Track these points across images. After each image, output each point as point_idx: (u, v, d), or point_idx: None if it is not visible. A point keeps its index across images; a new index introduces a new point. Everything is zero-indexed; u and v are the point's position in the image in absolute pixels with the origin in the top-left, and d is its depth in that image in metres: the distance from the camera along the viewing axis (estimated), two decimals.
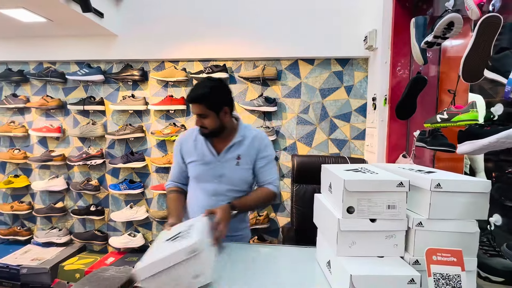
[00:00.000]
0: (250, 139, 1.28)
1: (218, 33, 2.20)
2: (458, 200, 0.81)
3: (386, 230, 0.83)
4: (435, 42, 1.38)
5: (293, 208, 2.01)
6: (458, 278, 0.72)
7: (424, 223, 0.81)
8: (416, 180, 0.86)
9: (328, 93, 2.22)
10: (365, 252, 0.84)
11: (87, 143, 2.44)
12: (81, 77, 2.32)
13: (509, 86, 0.87)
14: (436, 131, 1.37)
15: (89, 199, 2.48)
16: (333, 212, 0.87)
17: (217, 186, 1.26)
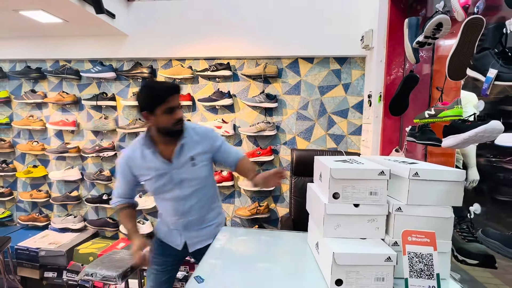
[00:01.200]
0: (197, 137, 1.24)
1: (223, 33, 2.24)
2: (435, 188, 0.86)
3: (368, 215, 0.89)
4: (426, 42, 1.41)
5: (292, 199, 2.07)
6: (430, 256, 0.77)
7: (403, 208, 0.86)
8: (397, 170, 0.91)
9: (326, 90, 2.26)
10: (349, 234, 0.90)
11: (99, 136, 2.52)
12: (94, 74, 2.39)
13: (486, 83, 0.91)
14: (425, 126, 1.41)
15: (101, 189, 2.56)
16: (321, 198, 0.93)
17: (180, 191, 1.22)
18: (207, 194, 1.32)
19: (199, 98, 2.32)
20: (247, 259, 1.03)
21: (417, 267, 0.76)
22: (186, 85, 2.40)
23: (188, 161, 1.22)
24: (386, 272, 0.80)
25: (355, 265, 0.80)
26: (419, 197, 0.86)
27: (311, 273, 0.91)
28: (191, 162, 1.22)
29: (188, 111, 2.41)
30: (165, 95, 1.12)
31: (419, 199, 0.86)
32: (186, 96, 2.34)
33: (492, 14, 1.13)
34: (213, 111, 2.38)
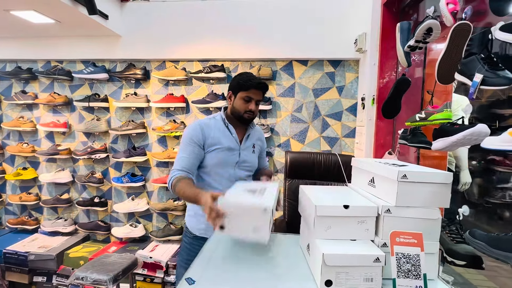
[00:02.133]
0: (259, 131, 1.44)
1: (217, 34, 2.26)
2: (423, 189, 0.88)
3: (358, 216, 0.91)
4: (417, 46, 1.45)
5: (286, 201, 2.08)
6: (418, 257, 0.80)
7: (392, 210, 0.89)
8: (386, 172, 0.94)
9: (320, 93, 2.29)
10: (339, 235, 0.91)
11: (91, 138, 2.51)
12: (87, 75, 2.38)
13: (472, 88, 0.95)
14: (416, 129, 1.44)
15: (93, 191, 2.55)
16: (312, 200, 0.95)
17: (237, 171, 1.33)
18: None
19: (193, 100, 2.33)
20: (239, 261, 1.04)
21: (405, 268, 0.78)
22: (180, 87, 2.41)
23: (251, 147, 1.37)
24: (375, 273, 0.82)
25: (344, 266, 0.82)
26: (408, 199, 0.88)
27: (302, 275, 0.92)
28: (252, 149, 1.37)
29: (182, 113, 2.42)
30: (250, 86, 1.23)
31: (408, 201, 0.88)
32: (179, 98, 2.34)
33: (479, 20, 1.17)
34: (207, 113, 2.39)
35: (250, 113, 1.27)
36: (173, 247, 2.35)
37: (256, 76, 1.29)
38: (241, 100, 1.26)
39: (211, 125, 1.30)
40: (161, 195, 2.49)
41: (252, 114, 1.28)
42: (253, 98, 1.25)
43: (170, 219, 2.48)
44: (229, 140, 1.31)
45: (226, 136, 1.31)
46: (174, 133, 2.32)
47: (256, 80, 1.25)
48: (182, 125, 2.34)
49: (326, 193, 1.10)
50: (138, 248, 2.32)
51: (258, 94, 1.26)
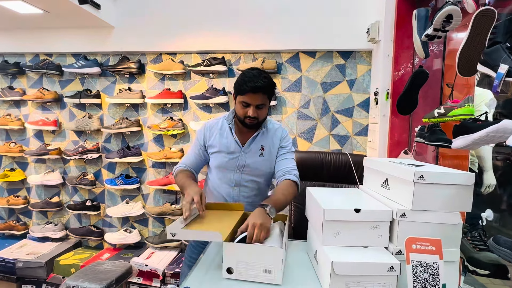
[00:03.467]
0: (273, 130, 1.37)
1: (217, 25, 2.25)
2: (441, 192, 0.87)
3: (371, 221, 0.91)
4: (435, 35, 1.43)
5: (292, 205, 2.07)
6: (436, 266, 0.79)
7: (408, 214, 0.88)
8: (401, 172, 0.93)
9: (330, 87, 2.27)
10: (350, 242, 0.91)
11: (83, 137, 2.53)
12: (78, 70, 2.40)
13: (497, 80, 0.93)
14: (435, 126, 1.43)
15: (85, 194, 2.57)
16: (320, 203, 0.94)
17: (239, 176, 1.33)
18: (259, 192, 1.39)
19: (192, 95, 2.33)
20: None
21: (422, 277, 0.78)
22: (177, 81, 2.41)
23: (258, 150, 1.33)
24: (389, 283, 0.81)
25: (355, 275, 0.82)
26: (425, 202, 0.87)
27: (309, 284, 0.92)
28: (260, 152, 1.33)
29: (180, 110, 2.42)
30: (246, 90, 1.19)
31: (425, 204, 0.87)
32: (177, 93, 2.35)
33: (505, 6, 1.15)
34: (207, 109, 2.39)
35: (251, 119, 1.24)
36: (170, 254, 2.36)
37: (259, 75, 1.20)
38: (240, 104, 1.25)
39: (215, 126, 1.36)
40: (157, 198, 2.50)
41: (253, 120, 1.24)
42: (251, 104, 1.21)
43: (168, 224, 2.49)
44: (229, 143, 1.32)
45: (227, 138, 1.33)
46: (171, 131, 2.33)
47: (251, 84, 1.17)
48: (180, 122, 2.35)
49: (335, 195, 1.10)
50: (133, 255, 2.33)
51: (257, 99, 1.21)
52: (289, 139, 1.42)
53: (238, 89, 1.23)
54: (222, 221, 1.09)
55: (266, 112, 1.29)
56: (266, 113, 1.29)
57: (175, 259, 2.30)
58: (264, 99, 1.24)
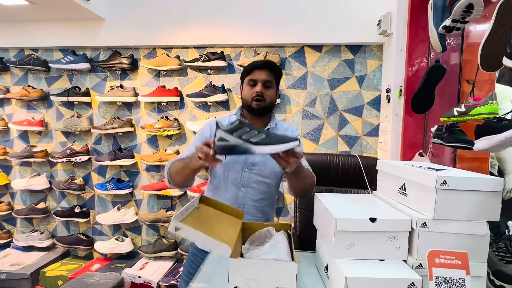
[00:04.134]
0: (282, 129, 1.39)
1: (216, 17, 2.23)
2: (467, 199, 0.84)
3: (388, 231, 0.87)
4: (454, 26, 1.40)
5: (297, 212, 2.05)
6: (462, 282, 0.75)
7: (429, 224, 0.85)
8: (421, 178, 0.89)
9: (337, 83, 2.25)
10: (365, 254, 0.88)
11: (71, 138, 2.50)
12: (65, 65, 2.38)
13: None
14: (454, 126, 1.39)
15: (73, 200, 2.54)
16: (331, 212, 0.91)
17: (247, 176, 1.32)
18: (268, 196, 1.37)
19: (188, 93, 2.31)
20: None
21: None
22: (173, 78, 2.39)
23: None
24: None
25: None
26: (448, 210, 0.84)
27: None
28: None
29: (175, 108, 2.40)
30: (252, 67, 1.27)
31: (448, 213, 0.84)
32: (172, 91, 2.32)
33: None
34: (205, 108, 2.36)
35: (257, 97, 1.26)
36: (165, 265, 2.33)
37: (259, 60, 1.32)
38: (247, 86, 1.30)
39: (223, 122, 1.35)
40: (151, 204, 2.47)
41: (260, 98, 1.27)
42: (258, 80, 1.27)
43: (162, 232, 2.46)
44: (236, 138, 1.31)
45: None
46: (167, 131, 2.30)
47: (258, 62, 1.29)
48: (176, 122, 2.32)
49: (347, 203, 1.07)
50: (125, 266, 2.30)
51: (264, 74, 1.27)
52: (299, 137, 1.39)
53: (245, 71, 1.31)
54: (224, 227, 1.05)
55: (273, 94, 1.31)
56: (273, 95, 1.31)
57: (170, 270, 2.27)
58: (271, 77, 1.28)
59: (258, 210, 1.37)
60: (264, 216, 1.40)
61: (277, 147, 0.90)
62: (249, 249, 1.06)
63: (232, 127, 0.92)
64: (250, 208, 1.35)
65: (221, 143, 0.92)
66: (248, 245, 1.09)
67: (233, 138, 0.91)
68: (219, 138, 0.92)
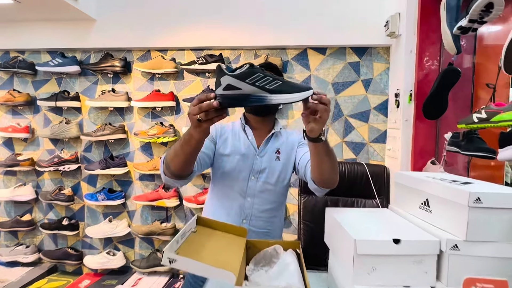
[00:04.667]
0: (287, 133, 1.37)
1: (214, 17, 2.19)
2: (504, 218, 0.77)
3: (414, 254, 0.80)
4: (470, 27, 1.36)
5: (301, 223, 1.97)
6: None
7: (461, 246, 0.78)
8: (448, 193, 0.82)
9: (342, 87, 2.21)
10: (388, 280, 0.80)
11: (59, 146, 2.43)
12: (53, 68, 2.31)
13: None
14: (472, 133, 1.34)
15: (61, 211, 2.46)
16: (349, 232, 0.83)
17: (253, 184, 1.27)
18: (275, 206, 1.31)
19: (185, 97, 2.27)
20: None
21: None
22: (168, 82, 2.34)
23: (274, 153, 1.30)
24: None
25: None
26: (483, 231, 0.77)
27: None
28: (275, 155, 1.30)
29: (171, 114, 2.34)
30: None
31: (483, 234, 0.77)
32: (168, 95, 2.27)
33: None
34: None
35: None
36: (160, 280, 2.25)
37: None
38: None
39: (226, 128, 1.34)
40: (145, 216, 2.40)
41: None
42: None
43: (157, 245, 2.40)
44: (242, 145, 1.29)
45: (239, 140, 1.30)
46: (162, 138, 2.24)
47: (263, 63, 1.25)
48: (171, 128, 2.27)
49: (364, 219, 0.99)
50: (116, 282, 2.23)
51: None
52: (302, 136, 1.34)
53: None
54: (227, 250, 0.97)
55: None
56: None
57: (165, 286, 2.20)
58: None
59: (266, 222, 1.31)
60: (273, 229, 1.34)
61: (297, 95, 0.80)
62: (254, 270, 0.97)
63: (242, 71, 0.79)
64: (257, 220, 1.29)
65: (229, 92, 0.78)
66: (253, 265, 1.01)
67: (246, 85, 0.78)
68: (227, 85, 0.79)
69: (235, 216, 1.27)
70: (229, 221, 1.11)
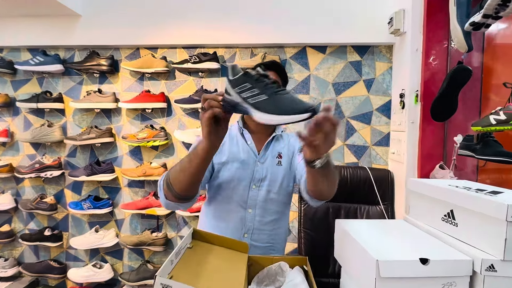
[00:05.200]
0: (288, 135, 1.32)
1: (208, 13, 2.13)
2: None
3: (444, 276, 0.71)
4: (484, 23, 1.29)
5: (301, 232, 1.91)
6: None
7: (498, 266, 0.69)
8: (481, 205, 0.74)
9: (343, 88, 2.16)
10: None
11: (41, 150, 2.34)
12: (35, 67, 2.23)
13: None
14: (488, 136, 1.27)
15: (43, 221, 2.37)
16: (368, 251, 0.74)
17: (255, 194, 1.19)
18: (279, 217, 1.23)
19: (177, 98, 2.19)
20: None
21: None
22: (159, 82, 2.26)
23: (275, 158, 1.24)
24: None
25: None
26: None
27: None
28: (277, 160, 1.23)
29: (162, 116, 2.26)
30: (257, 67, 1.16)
31: None
32: (158, 96, 2.19)
33: None
34: (196, 115, 2.23)
35: None
36: None
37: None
38: None
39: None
40: (134, 225, 2.31)
41: None
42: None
43: (147, 256, 2.31)
44: (241, 151, 1.22)
45: (238, 146, 1.23)
46: (152, 142, 2.16)
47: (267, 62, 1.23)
48: (162, 131, 2.18)
49: (381, 234, 0.90)
50: None
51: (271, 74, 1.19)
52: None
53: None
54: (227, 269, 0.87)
55: None
56: None
57: None
58: (278, 79, 1.21)
59: (269, 236, 1.22)
60: (276, 243, 1.25)
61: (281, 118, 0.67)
62: None
63: (237, 77, 0.76)
64: (260, 233, 1.21)
65: (227, 96, 0.78)
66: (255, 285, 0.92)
67: (235, 94, 0.76)
68: (225, 89, 0.79)
69: (235, 230, 1.18)
70: (228, 235, 1.01)
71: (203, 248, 0.94)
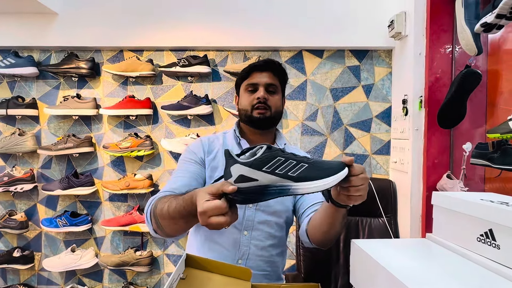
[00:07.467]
0: (290, 149, 1.22)
1: (198, 14, 2.07)
2: None
3: None
4: (496, 23, 1.24)
5: (300, 248, 1.80)
6: None
7: None
8: None
9: (341, 94, 2.11)
10: None
11: (11, 162, 2.19)
12: (5, 70, 2.10)
13: None
14: (505, 143, 1.20)
15: (12, 241, 2.20)
16: (404, 283, 0.62)
17: (251, 214, 1.09)
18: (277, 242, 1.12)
19: (164, 104, 2.09)
20: None
21: None
22: (144, 86, 2.16)
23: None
24: None
25: None
26: None
27: None
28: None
29: (147, 124, 2.14)
30: (251, 69, 1.15)
31: None
32: (143, 102, 2.08)
33: None
34: (184, 123, 2.14)
35: (260, 105, 1.10)
36: None
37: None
38: (246, 93, 1.15)
39: (216, 142, 1.18)
40: (116, 243, 2.16)
41: (263, 106, 1.10)
42: (259, 83, 1.12)
43: (130, 277, 2.17)
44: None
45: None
46: (136, 152, 2.05)
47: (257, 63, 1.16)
48: (148, 140, 2.07)
49: (410, 259, 0.79)
50: None
51: (266, 76, 1.12)
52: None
53: (241, 76, 1.18)
54: None
55: (279, 102, 1.15)
56: (279, 103, 1.15)
57: None
58: (275, 81, 1.14)
59: (266, 262, 1.10)
60: (273, 270, 1.13)
61: (330, 180, 0.65)
62: None
63: (257, 157, 0.62)
64: (256, 259, 1.09)
65: (242, 184, 0.62)
66: None
67: (263, 175, 0.61)
68: (239, 176, 0.61)
69: (228, 255, 1.06)
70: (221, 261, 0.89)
71: (198, 279, 0.81)
